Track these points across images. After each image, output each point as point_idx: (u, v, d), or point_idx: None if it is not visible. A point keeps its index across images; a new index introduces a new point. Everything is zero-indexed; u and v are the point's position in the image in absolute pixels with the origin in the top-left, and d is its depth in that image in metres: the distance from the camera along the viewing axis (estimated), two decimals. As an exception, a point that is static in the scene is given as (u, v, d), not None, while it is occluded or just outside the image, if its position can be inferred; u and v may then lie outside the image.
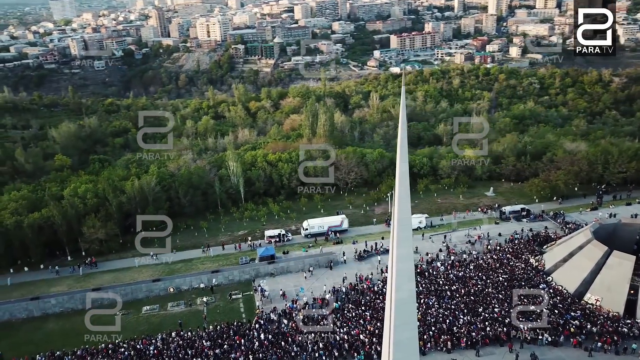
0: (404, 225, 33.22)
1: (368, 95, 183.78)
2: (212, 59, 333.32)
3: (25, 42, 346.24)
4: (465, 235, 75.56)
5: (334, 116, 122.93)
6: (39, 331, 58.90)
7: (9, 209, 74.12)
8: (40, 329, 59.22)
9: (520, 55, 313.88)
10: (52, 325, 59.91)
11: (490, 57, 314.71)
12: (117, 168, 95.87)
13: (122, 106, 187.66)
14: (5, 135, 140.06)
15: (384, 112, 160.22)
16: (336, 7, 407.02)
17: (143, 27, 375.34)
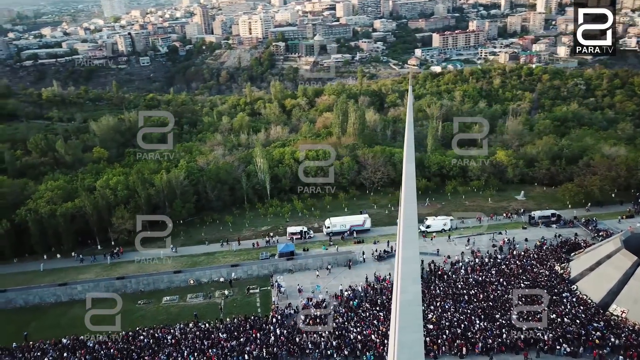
0: (409, 227, 32.89)
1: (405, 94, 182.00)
2: (252, 56, 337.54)
3: (77, 38, 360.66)
4: (490, 239, 73.88)
5: (365, 114, 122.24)
6: (65, 316, 61.49)
7: (45, 198, 77.71)
8: (66, 314, 61.82)
9: (568, 55, 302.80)
10: (77, 311, 62.23)
11: (536, 56, 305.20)
12: (149, 161, 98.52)
13: (163, 101, 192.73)
14: (51, 127, 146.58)
15: (419, 111, 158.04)
16: (378, 5, 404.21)
17: (188, 25, 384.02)
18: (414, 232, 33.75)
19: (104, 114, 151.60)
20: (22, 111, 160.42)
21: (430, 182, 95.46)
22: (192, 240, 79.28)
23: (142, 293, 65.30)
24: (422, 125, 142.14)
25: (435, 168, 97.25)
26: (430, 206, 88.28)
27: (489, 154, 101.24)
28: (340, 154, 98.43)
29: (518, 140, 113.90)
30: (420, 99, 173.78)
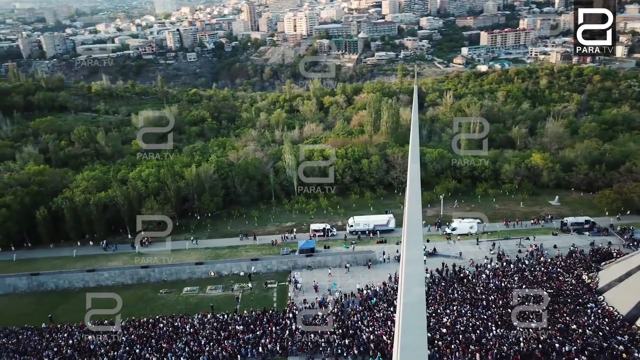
0: (414, 228, 32.61)
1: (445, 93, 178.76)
2: (296, 53, 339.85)
3: (129, 34, 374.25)
4: (517, 245, 71.78)
5: (399, 113, 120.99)
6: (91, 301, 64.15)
7: (81, 187, 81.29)
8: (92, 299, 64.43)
9: (626, 55, 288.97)
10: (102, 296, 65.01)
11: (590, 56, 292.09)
12: (182, 155, 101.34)
13: (205, 96, 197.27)
14: (97, 119, 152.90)
15: (458, 111, 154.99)
16: (425, 3, 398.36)
17: (235, 21, 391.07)
18: (418, 233, 33.39)
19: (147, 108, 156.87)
20: (71, 103, 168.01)
21: (460, 184, 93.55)
22: (218, 233, 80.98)
23: (164, 282, 67.41)
24: (461, 126, 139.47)
25: (467, 169, 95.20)
26: (458, 208, 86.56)
27: (524, 156, 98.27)
28: (369, 152, 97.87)
29: (557, 143, 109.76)
30: (461, 99, 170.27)
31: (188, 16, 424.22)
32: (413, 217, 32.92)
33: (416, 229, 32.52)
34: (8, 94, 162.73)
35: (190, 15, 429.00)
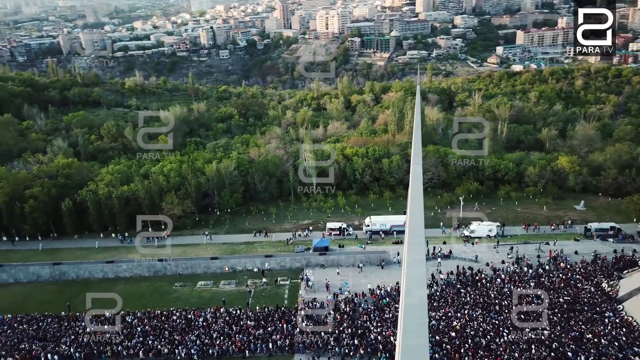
0: (415, 230, 32.49)
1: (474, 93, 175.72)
2: (327, 51, 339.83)
3: (164, 32, 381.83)
4: (536, 249, 70.07)
5: (424, 113, 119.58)
6: (109, 291, 65.63)
7: (105, 180, 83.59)
8: (110, 289, 66.12)
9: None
10: (120, 287, 66.81)
11: (632, 56, 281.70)
12: (205, 151, 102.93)
13: (234, 93, 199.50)
14: (127, 114, 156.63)
15: (487, 111, 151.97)
16: (460, 1, 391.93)
17: (267, 19, 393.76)
18: (420, 235, 33.25)
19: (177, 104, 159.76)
20: (105, 99, 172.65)
21: (482, 186, 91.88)
22: (235, 229, 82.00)
23: (180, 276, 68.71)
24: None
25: (490, 171, 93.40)
26: (478, 210, 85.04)
27: (550, 159, 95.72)
28: (390, 152, 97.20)
29: (587, 146, 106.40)
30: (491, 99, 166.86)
31: (222, 14, 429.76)
32: (415, 219, 32.73)
33: (418, 231, 32.36)
34: (45, 89, 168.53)
35: (225, 13, 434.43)
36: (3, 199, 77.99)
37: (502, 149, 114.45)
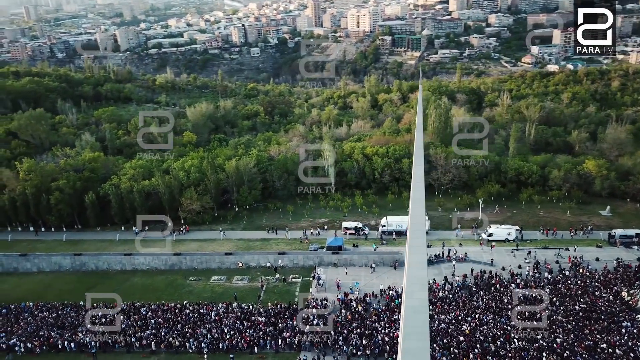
0: (417, 232, 32.32)
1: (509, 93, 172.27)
2: (358, 50, 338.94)
3: (197, 29, 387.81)
4: (555, 255, 68.29)
5: (448, 113, 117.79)
6: (126, 283, 67.80)
7: (128, 175, 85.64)
8: (127, 281, 68.12)
9: None
10: (137, 280, 68.56)
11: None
12: (227, 148, 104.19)
13: (262, 91, 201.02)
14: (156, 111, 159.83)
15: (516, 112, 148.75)
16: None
17: (299, 17, 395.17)
18: (422, 236, 32.96)
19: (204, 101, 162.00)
20: (136, 95, 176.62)
21: (504, 188, 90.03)
22: (252, 225, 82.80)
23: (195, 270, 69.89)
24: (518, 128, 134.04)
25: (513, 174, 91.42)
26: (498, 213, 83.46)
27: (576, 162, 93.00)
28: (411, 152, 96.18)
29: (618, 149, 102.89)
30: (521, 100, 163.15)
31: (255, 12, 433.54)
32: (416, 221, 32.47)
33: (419, 233, 32.08)
34: (80, 85, 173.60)
35: (257, 11, 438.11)
36: (30, 190, 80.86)
37: (528, 151, 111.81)
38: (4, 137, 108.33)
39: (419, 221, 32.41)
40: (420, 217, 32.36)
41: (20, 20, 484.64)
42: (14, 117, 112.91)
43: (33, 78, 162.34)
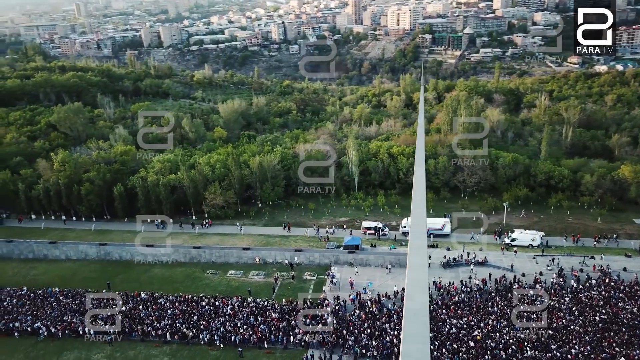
0: (418, 233, 32.21)
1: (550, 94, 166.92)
2: (397, 48, 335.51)
3: (238, 26, 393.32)
4: (580, 263, 65.84)
5: (480, 114, 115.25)
6: (147, 274, 69.72)
7: (155, 168, 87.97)
8: (147, 272, 70.04)
9: None
10: (157, 271, 70.39)
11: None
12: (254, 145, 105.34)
13: (296, 89, 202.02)
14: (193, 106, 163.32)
15: (554, 114, 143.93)
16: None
17: (339, 15, 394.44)
18: (423, 238, 32.88)
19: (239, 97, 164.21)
20: (173, 90, 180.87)
21: (532, 193, 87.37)
22: (273, 222, 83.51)
23: (213, 264, 71.20)
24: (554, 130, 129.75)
25: (542, 177, 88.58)
26: (524, 218, 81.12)
27: (611, 168, 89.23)
28: (437, 152, 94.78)
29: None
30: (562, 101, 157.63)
31: (295, 9, 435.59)
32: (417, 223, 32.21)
33: (420, 235, 31.86)
34: (120, 80, 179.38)
35: (298, 8, 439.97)
36: (63, 180, 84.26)
37: (563, 154, 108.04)
38: (44, 129, 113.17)
39: (420, 223, 32.12)
40: (421, 218, 32.06)
41: (71, 16, 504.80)
42: (54, 110, 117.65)
43: (77, 73, 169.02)
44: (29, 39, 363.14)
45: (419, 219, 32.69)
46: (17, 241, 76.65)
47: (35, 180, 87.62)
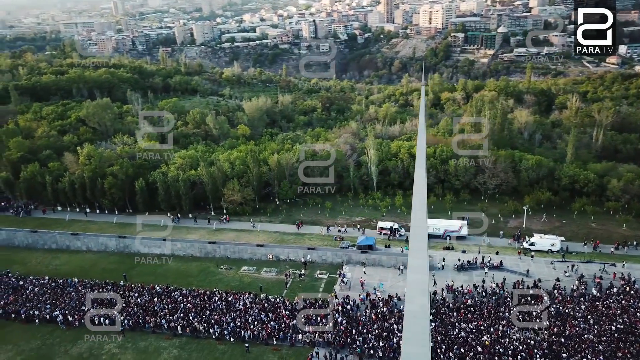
0: (418, 235, 31.91)
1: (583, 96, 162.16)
2: (428, 47, 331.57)
3: (269, 24, 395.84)
4: (600, 270, 63.79)
5: (506, 115, 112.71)
6: (162, 267, 71.03)
7: (176, 164, 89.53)
8: (163, 265, 71.34)
9: None
10: (173, 264, 71.67)
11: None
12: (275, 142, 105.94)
13: (323, 87, 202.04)
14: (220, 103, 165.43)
15: (586, 116, 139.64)
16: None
17: (370, 13, 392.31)
18: (423, 240, 32.48)
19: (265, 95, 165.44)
20: (202, 87, 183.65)
21: (556, 197, 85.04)
22: (290, 219, 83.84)
23: (227, 259, 72.00)
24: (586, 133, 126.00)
25: (567, 181, 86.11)
26: (545, 222, 79.06)
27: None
28: (459, 154, 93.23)
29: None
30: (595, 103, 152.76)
31: (327, 7, 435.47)
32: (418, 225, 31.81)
33: (421, 237, 31.47)
34: (151, 76, 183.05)
35: (330, 6, 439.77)
36: (88, 174, 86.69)
37: (592, 158, 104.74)
38: (74, 123, 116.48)
39: (421, 224, 31.62)
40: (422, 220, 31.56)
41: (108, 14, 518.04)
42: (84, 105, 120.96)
43: (109, 69, 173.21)
44: (68, 35, 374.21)
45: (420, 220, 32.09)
46: (41, 232, 79.43)
47: (62, 173, 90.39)
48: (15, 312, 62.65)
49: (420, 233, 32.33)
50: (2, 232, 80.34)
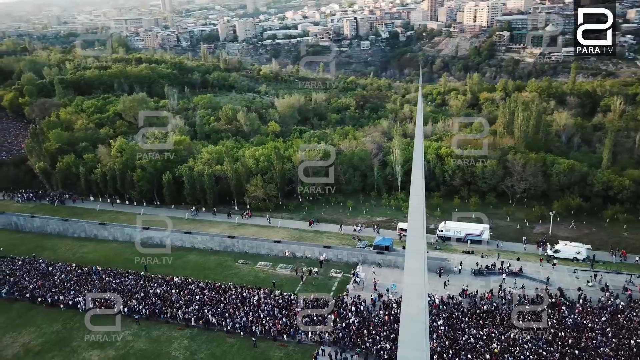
0: (415, 238, 31.80)
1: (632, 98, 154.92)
2: (472, 45, 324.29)
3: (311, 21, 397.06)
4: (626, 282, 60.91)
5: (541, 116, 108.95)
6: (182, 259, 72.72)
7: (203, 159, 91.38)
8: (183, 258, 73.05)
9: None
10: (192, 257, 73.29)
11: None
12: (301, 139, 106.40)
13: (360, 85, 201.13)
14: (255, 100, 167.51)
15: (632, 119, 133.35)
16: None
17: (414, 11, 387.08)
18: (421, 243, 32.42)
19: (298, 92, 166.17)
20: (239, 84, 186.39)
21: (587, 203, 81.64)
22: (310, 217, 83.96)
23: (245, 254, 72.99)
24: (629, 137, 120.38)
25: (600, 187, 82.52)
26: (574, 229, 76.05)
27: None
28: (489, 156, 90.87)
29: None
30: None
31: (370, 4, 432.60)
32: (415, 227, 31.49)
33: (418, 239, 31.28)
34: (190, 72, 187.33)
35: (372, 3, 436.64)
36: (119, 166, 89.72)
37: (633, 163, 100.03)
38: (111, 117, 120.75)
39: (418, 227, 31.28)
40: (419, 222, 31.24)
41: (156, 11, 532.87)
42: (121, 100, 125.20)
43: (150, 65, 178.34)
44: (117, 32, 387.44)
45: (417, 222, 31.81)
46: (72, 220, 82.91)
47: (95, 164, 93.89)
48: (42, 297, 65.67)
49: (417, 235, 31.97)
50: (37, 220, 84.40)
